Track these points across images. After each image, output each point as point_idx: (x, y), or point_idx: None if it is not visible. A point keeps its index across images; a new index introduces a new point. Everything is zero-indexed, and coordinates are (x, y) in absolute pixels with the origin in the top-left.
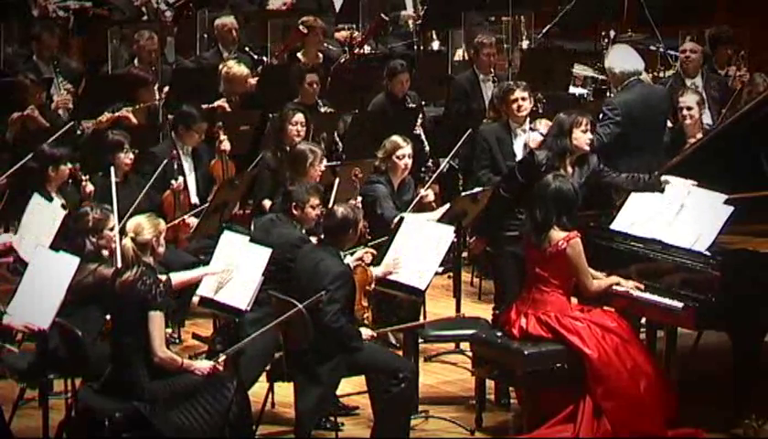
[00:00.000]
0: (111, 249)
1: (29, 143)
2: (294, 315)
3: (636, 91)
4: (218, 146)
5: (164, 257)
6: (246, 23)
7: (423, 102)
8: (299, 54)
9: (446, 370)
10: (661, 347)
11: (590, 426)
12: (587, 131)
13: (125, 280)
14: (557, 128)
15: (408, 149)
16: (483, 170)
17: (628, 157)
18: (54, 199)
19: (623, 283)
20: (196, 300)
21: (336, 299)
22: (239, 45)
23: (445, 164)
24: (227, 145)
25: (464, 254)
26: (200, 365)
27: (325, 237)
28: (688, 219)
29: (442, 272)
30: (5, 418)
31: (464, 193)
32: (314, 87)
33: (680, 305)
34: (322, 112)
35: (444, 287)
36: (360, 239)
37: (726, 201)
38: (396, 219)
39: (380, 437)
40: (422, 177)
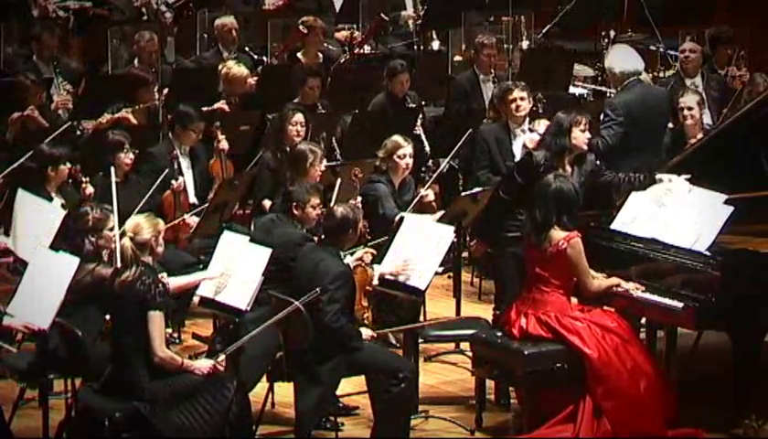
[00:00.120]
0: (110, 249)
1: (29, 143)
2: (293, 312)
3: (636, 91)
4: (217, 146)
5: (163, 257)
6: (246, 23)
7: (423, 102)
8: (299, 54)
9: (446, 370)
10: (661, 347)
11: (590, 426)
12: (586, 130)
13: (124, 280)
14: (556, 127)
15: (409, 149)
16: (482, 170)
17: (628, 157)
18: (54, 199)
19: (623, 285)
20: (196, 300)
21: (336, 299)
22: (239, 45)
23: (445, 164)
24: (225, 145)
25: (465, 254)
26: (200, 364)
27: (324, 237)
28: (687, 219)
29: (442, 272)
30: (5, 418)
31: (463, 193)
32: (315, 90)
33: (680, 305)
34: (322, 112)
35: (444, 287)
36: (360, 239)
37: (726, 201)
38: (397, 217)
39: (380, 437)
40: (423, 177)
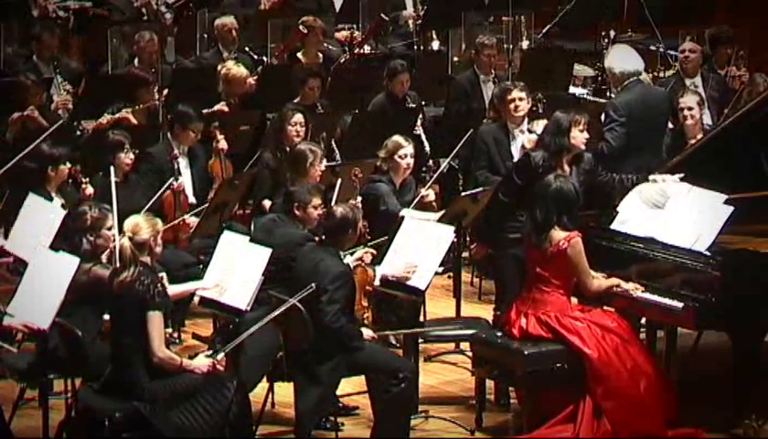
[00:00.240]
0: (109, 248)
1: (29, 143)
2: (293, 312)
3: (636, 91)
4: (216, 146)
5: (163, 257)
6: (246, 23)
7: (423, 102)
8: (299, 54)
9: (446, 370)
10: (661, 347)
11: (590, 426)
12: (584, 130)
13: (123, 280)
14: (555, 127)
15: (410, 149)
16: (480, 170)
17: (628, 158)
18: (54, 199)
19: (623, 285)
20: (196, 300)
21: (336, 300)
22: (239, 45)
23: (446, 164)
24: (224, 145)
25: (465, 254)
26: (199, 363)
27: (324, 237)
28: (687, 219)
29: (442, 272)
30: (5, 418)
31: (464, 193)
32: (315, 91)
33: (680, 305)
34: (321, 112)
35: (444, 287)
36: (360, 239)
37: (726, 201)
38: (401, 212)
39: (380, 437)
40: (423, 177)
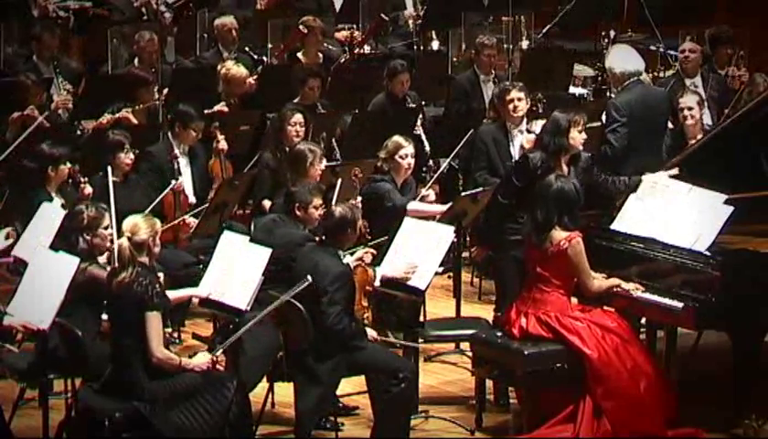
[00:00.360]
0: (105, 247)
1: (29, 143)
2: (293, 312)
3: (637, 91)
4: (216, 146)
5: (163, 257)
6: (246, 23)
7: (423, 102)
8: (299, 54)
9: (446, 370)
10: (661, 347)
11: (590, 426)
12: (583, 130)
13: (121, 280)
14: (554, 127)
15: (410, 149)
16: (480, 171)
17: (629, 158)
18: (54, 199)
19: (623, 285)
20: (195, 300)
21: (337, 300)
22: (239, 45)
23: (446, 164)
24: (224, 145)
25: (465, 254)
26: (198, 361)
27: (324, 237)
28: (687, 219)
29: (442, 272)
30: (5, 418)
31: (464, 193)
32: (315, 90)
33: (680, 305)
34: (321, 112)
35: (444, 287)
36: (360, 239)
37: (726, 201)
38: (409, 204)
39: (380, 437)
40: (423, 177)
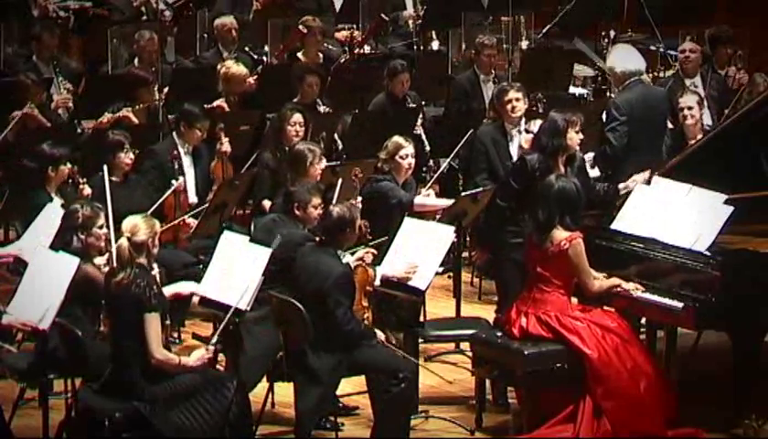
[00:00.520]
0: (100, 247)
1: (29, 142)
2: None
3: (637, 91)
4: (219, 148)
5: (163, 257)
6: (242, 26)
7: (423, 102)
8: (299, 54)
9: (446, 370)
10: (661, 347)
11: (590, 426)
12: (579, 131)
13: (120, 281)
14: (551, 128)
15: (410, 149)
16: (480, 174)
17: (629, 158)
18: (54, 199)
19: (623, 285)
20: (195, 300)
21: (342, 301)
22: (238, 45)
23: (446, 164)
24: (227, 148)
25: (465, 254)
26: (195, 356)
27: (323, 237)
28: (687, 219)
29: (442, 272)
30: (5, 418)
31: (464, 193)
32: (314, 88)
33: (680, 305)
34: (321, 111)
35: (444, 287)
36: (361, 238)
37: (726, 201)
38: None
39: (380, 437)
40: (423, 177)
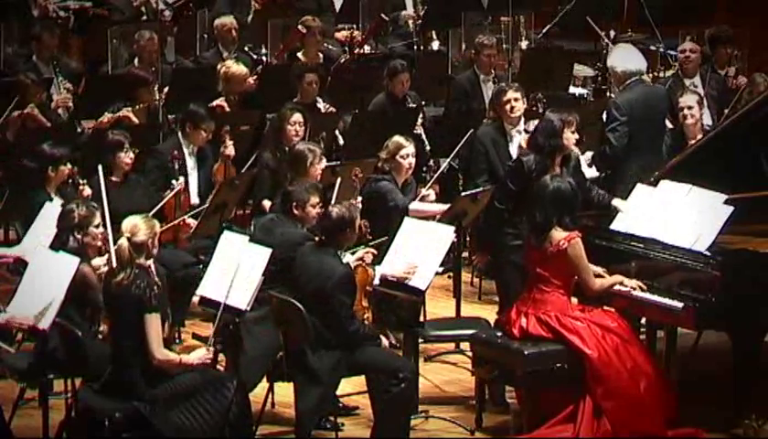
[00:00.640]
0: (96, 246)
1: (29, 142)
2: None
3: (638, 90)
4: (223, 152)
5: (163, 257)
6: (241, 27)
7: (423, 102)
8: (299, 54)
9: (446, 370)
10: (661, 347)
11: (590, 426)
12: (575, 131)
13: (120, 282)
14: (548, 128)
15: (411, 148)
16: (481, 175)
17: (629, 158)
18: (54, 199)
19: (626, 282)
20: (195, 300)
21: (345, 302)
22: (238, 45)
23: (446, 164)
24: (231, 151)
25: (465, 254)
26: (196, 355)
27: (323, 238)
28: (687, 219)
29: (442, 272)
30: (5, 418)
31: (464, 193)
32: (314, 86)
33: (680, 305)
34: (321, 111)
35: (444, 287)
36: (361, 238)
37: (726, 201)
38: (411, 205)
39: (380, 437)
40: (423, 177)
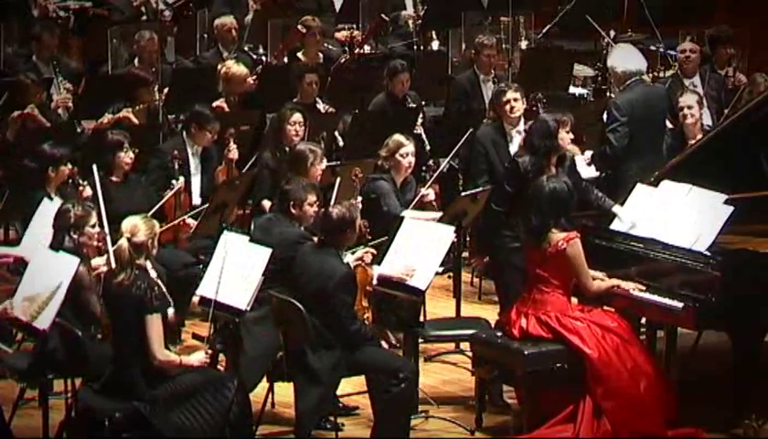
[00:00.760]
0: (93, 246)
1: (29, 142)
2: (293, 312)
3: (638, 90)
4: (226, 154)
5: (163, 257)
6: (241, 28)
7: (423, 102)
8: (299, 54)
9: (446, 370)
10: (661, 347)
11: (590, 426)
12: (570, 131)
13: (120, 282)
14: (543, 129)
15: (411, 147)
16: (482, 176)
17: (630, 158)
18: (54, 199)
19: (623, 285)
20: (195, 300)
21: (347, 302)
22: (238, 45)
23: (446, 164)
24: (235, 155)
25: (465, 254)
26: (196, 357)
27: (324, 238)
28: (687, 219)
29: (442, 272)
30: (5, 418)
31: (464, 193)
32: (314, 86)
33: (680, 305)
34: (321, 111)
35: (444, 287)
36: (361, 238)
37: (726, 201)
38: (404, 213)
39: (380, 437)
40: (423, 177)
